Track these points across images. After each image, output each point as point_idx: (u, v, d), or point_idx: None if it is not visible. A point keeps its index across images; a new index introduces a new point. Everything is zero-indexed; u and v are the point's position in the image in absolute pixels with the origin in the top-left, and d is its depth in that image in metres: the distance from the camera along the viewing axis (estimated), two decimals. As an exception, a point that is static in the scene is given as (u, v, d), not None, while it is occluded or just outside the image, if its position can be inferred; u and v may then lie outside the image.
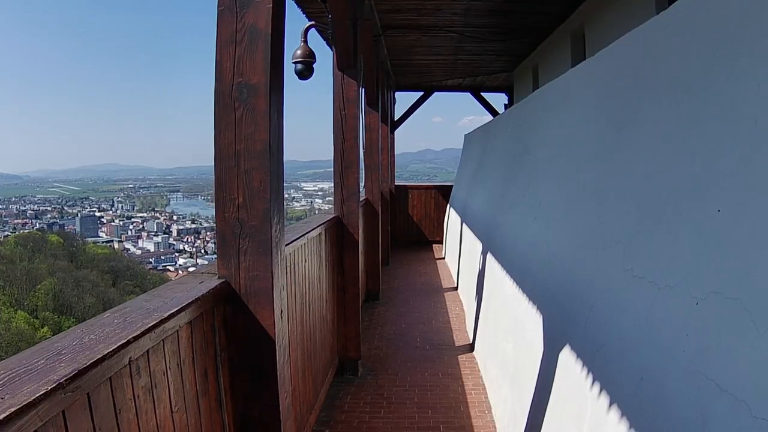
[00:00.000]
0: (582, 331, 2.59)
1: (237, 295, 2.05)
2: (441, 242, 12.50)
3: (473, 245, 6.67)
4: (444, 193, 12.81)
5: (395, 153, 13.52)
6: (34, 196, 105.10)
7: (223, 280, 2.05)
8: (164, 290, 1.94)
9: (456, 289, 8.18)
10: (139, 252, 76.87)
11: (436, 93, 13.11)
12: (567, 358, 2.68)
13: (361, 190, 7.99)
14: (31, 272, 41.22)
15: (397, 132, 13.23)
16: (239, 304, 2.06)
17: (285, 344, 2.20)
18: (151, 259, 72.85)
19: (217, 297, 2.01)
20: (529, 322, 3.49)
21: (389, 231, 10.57)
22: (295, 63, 4.77)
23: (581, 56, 7.06)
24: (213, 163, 2.03)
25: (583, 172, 3.09)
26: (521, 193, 4.52)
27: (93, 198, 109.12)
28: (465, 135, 11.35)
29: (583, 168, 3.10)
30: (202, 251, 78.06)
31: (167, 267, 69.28)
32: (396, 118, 12.90)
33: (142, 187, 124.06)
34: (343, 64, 4.63)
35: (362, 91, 7.30)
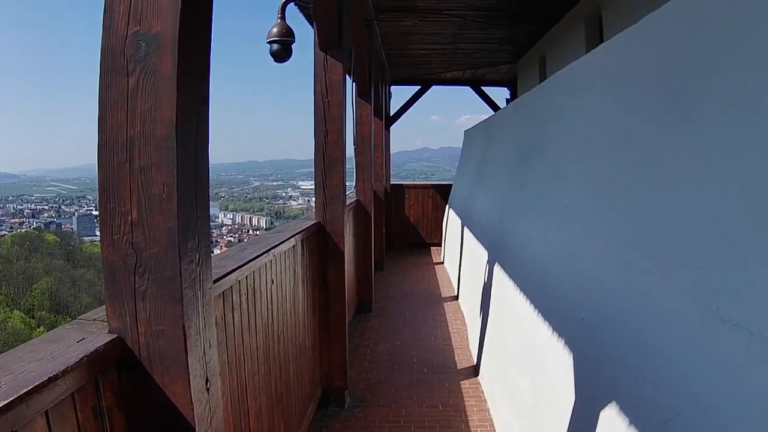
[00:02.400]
0: (640, 386, 1.89)
1: (136, 359, 1.34)
2: (439, 245, 11.79)
3: (476, 252, 5.97)
4: (442, 192, 12.10)
5: (391, 151, 12.77)
6: (32, 195, 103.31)
7: (115, 335, 1.34)
8: (14, 357, 1.23)
9: (456, 298, 7.48)
10: None
11: (434, 87, 12.38)
12: (616, 422, 1.98)
13: (351, 190, 7.29)
14: (28, 272, 40.89)
15: (393, 130, 12.48)
16: (140, 372, 1.35)
17: (218, 426, 1.49)
18: None
19: (104, 362, 1.30)
20: (553, 356, 2.79)
21: (384, 233, 9.86)
22: (270, 42, 4.05)
23: (597, 43, 6.36)
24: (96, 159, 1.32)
25: (630, 173, 2.38)
26: (536, 196, 3.81)
27: (90, 197, 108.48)
28: (465, 131, 10.64)
29: (630, 167, 2.39)
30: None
31: None
32: (392, 114, 12.18)
33: None
34: (326, 43, 3.91)
35: (354, 85, 6.60)
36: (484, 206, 6.06)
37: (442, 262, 10.20)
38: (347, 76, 7.97)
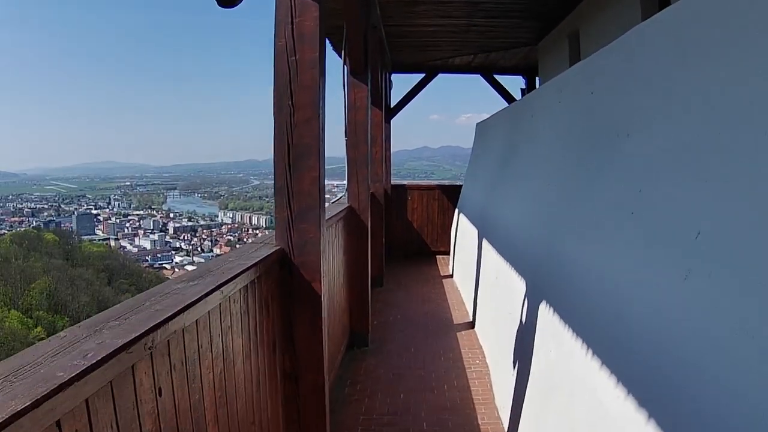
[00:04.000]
0: None
1: None
2: (446, 253, 10.41)
3: (504, 275, 4.59)
4: (450, 194, 10.71)
5: (392, 149, 11.28)
6: (31, 194, 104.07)
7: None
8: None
9: (472, 326, 6.10)
10: (135, 250, 75.48)
11: (440, 74, 10.98)
12: None
13: (343, 194, 5.91)
14: (26, 271, 40.48)
15: (393, 130, 11.02)
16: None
17: None
18: (147, 257, 71.49)
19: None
20: None
21: (384, 242, 8.47)
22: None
23: (654, 9, 4.97)
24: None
25: None
26: (620, 207, 2.43)
27: (90, 196, 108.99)
28: (477, 124, 9.27)
29: None
30: (199, 249, 77.17)
31: (163, 265, 67.69)
32: (393, 105, 10.80)
33: (139, 185, 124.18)
34: (293, -28, 2.53)
35: (345, 66, 5.22)
36: (516, 217, 4.68)
37: (451, 276, 8.82)
38: (331, 46, 6.41)
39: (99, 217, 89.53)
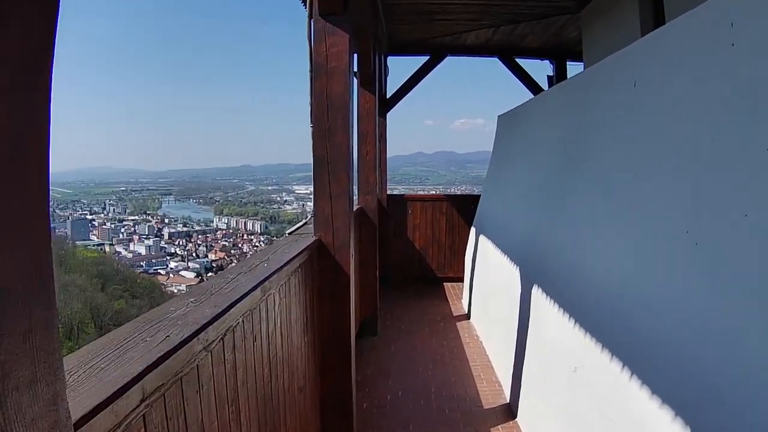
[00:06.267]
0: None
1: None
2: (456, 280, 8.28)
3: (595, 367, 2.47)
4: (461, 207, 8.58)
5: (387, 154, 8.97)
6: None
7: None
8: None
9: (513, 416, 3.95)
10: (130, 255, 74.36)
11: (449, 57, 8.84)
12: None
13: (300, 224, 3.71)
14: None
15: (389, 131, 8.75)
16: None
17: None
18: (142, 263, 68.95)
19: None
20: None
21: (378, 272, 6.29)
22: None
23: None
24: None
25: None
26: None
27: (85, 201, 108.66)
28: (499, 116, 7.15)
29: None
30: (194, 254, 75.69)
31: (158, 270, 65.46)
32: (390, 95, 8.65)
33: (134, 190, 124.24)
34: None
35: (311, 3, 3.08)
36: (621, 264, 2.53)
37: (467, 316, 6.66)
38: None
39: (94, 223, 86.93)
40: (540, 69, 9.46)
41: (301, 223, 3.42)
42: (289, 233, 3.27)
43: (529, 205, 4.60)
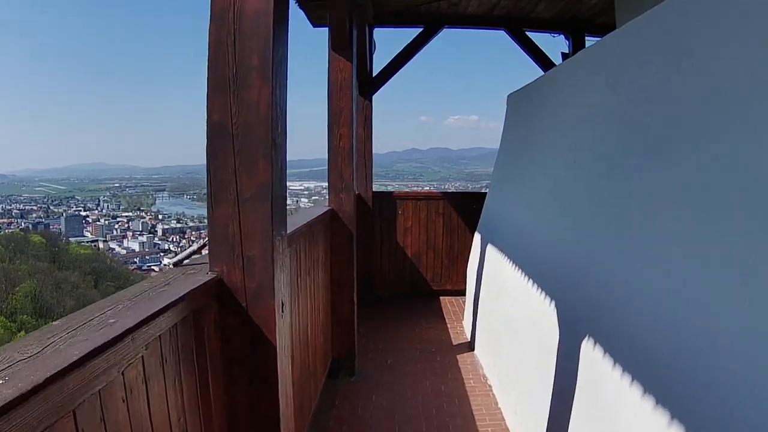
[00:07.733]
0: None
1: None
2: (456, 293, 6.95)
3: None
4: (461, 206, 7.24)
5: (380, 152, 7.60)
6: (20, 195, 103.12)
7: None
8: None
9: None
10: (124, 252, 74.26)
11: (446, 29, 7.47)
12: None
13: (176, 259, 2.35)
14: (11, 274, 40.00)
15: (381, 133, 7.53)
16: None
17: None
18: (135, 259, 69.89)
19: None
20: None
21: (355, 303, 4.87)
22: None
23: None
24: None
25: None
26: None
27: (79, 197, 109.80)
28: (509, 95, 5.81)
29: None
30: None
31: (152, 267, 65.51)
32: (376, 74, 7.27)
33: (128, 186, 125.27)
34: None
35: None
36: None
37: (471, 347, 5.28)
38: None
39: (88, 219, 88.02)
40: (553, 45, 8.08)
41: (194, 247, 2.06)
42: (174, 264, 1.92)
43: (568, 209, 3.23)
